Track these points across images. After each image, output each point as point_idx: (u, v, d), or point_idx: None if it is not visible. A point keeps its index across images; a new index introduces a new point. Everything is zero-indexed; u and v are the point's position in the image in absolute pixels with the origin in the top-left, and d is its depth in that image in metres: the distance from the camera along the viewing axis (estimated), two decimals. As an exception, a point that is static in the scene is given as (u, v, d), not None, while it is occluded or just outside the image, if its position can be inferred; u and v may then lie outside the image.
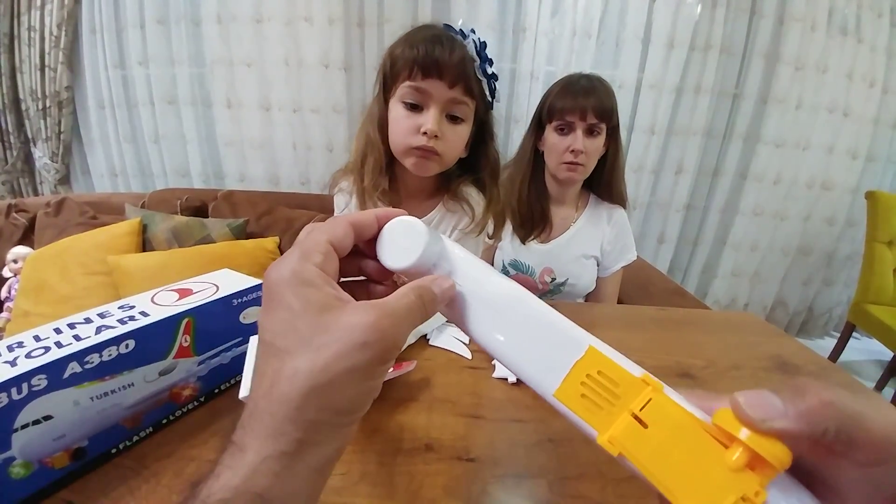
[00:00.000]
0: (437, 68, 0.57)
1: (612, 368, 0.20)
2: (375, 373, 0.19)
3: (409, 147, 0.61)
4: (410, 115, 0.60)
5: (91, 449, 0.34)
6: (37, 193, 2.04)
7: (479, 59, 0.59)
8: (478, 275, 0.24)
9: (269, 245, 1.44)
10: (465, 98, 0.60)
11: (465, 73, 0.58)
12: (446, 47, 0.57)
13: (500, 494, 0.34)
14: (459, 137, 0.62)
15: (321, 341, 0.18)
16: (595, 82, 0.88)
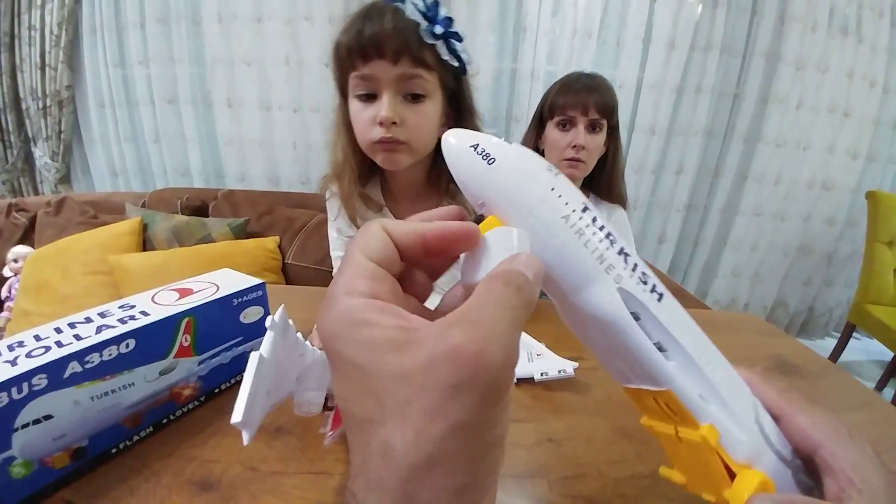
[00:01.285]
0: (373, 47, 0.50)
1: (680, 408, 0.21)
2: (489, 420, 0.13)
3: (372, 142, 0.55)
4: (366, 107, 0.54)
5: (91, 449, 0.34)
6: (37, 193, 2.05)
7: (425, 21, 0.51)
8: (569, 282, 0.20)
9: (270, 244, 1.44)
10: (418, 70, 0.52)
11: (406, 43, 0.50)
12: (376, 20, 0.50)
13: (501, 495, 0.34)
14: (424, 117, 0.55)
15: (402, 397, 0.13)
16: (597, 80, 0.88)
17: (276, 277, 1.43)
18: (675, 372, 0.20)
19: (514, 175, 0.19)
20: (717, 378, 0.21)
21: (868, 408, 0.49)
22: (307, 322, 0.59)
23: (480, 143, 0.19)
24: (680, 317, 0.21)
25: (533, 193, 0.19)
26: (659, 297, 0.20)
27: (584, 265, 0.19)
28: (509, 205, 0.19)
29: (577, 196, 0.19)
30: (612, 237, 0.20)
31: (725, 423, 0.20)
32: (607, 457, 0.38)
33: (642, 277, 0.20)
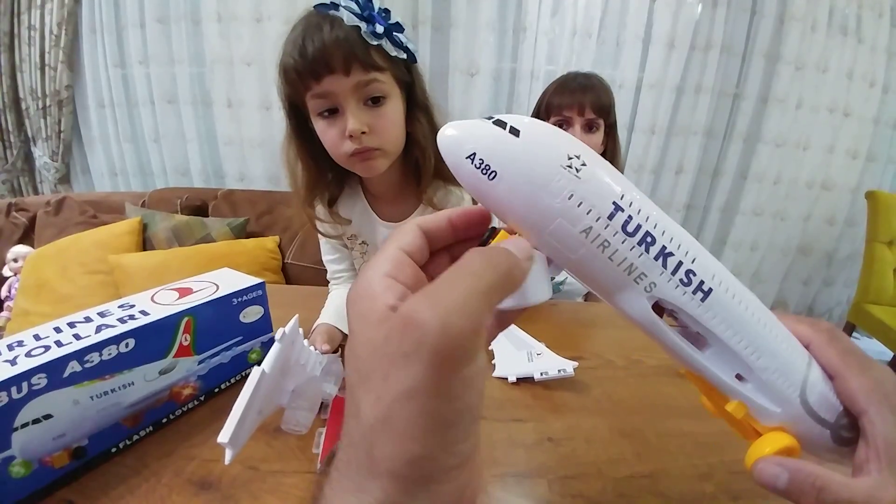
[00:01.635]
0: (321, 63, 0.50)
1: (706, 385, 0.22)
2: (443, 391, 0.13)
3: (346, 155, 0.54)
4: (332, 123, 0.54)
5: (91, 448, 0.34)
6: (37, 192, 2.04)
7: (364, 23, 0.50)
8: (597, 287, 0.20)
9: (270, 244, 1.44)
10: (371, 74, 0.51)
11: (352, 51, 0.49)
12: (316, 36, 0.50)
13: (501, 494, 0.34)
14: (389, 119, 0.54)
15: (371, 364, 0.14)
16: (592, 79, 0.88)
17: (276, 277, 1.43)
18: (708, 358, 0.21)
19: (519, 191, 0.16)
20: (760, 363, 0.21)
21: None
22: (307, 321, 0.59)
23: (478, 153, 0.17)
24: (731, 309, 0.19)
25: (544, 208, 0.16)
26: (704, 297, 0.18)
27: (609, 276, 0.18)
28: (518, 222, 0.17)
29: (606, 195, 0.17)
30: (651, 238, 0.17)
31: (759, 399, 0.21)
32: (607, 456, 0.38)
33: (685, 278, 0.18)
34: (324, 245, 0.72)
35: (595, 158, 0.18)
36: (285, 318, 0.55)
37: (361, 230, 0.68)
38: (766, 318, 0.21)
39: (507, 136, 0.17)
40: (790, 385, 0.21)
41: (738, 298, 0.20)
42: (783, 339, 0.21)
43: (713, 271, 0.19)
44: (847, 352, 0.22)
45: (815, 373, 0.22)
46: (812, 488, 0.19)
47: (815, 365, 0.22)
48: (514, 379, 0.49)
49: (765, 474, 0.20)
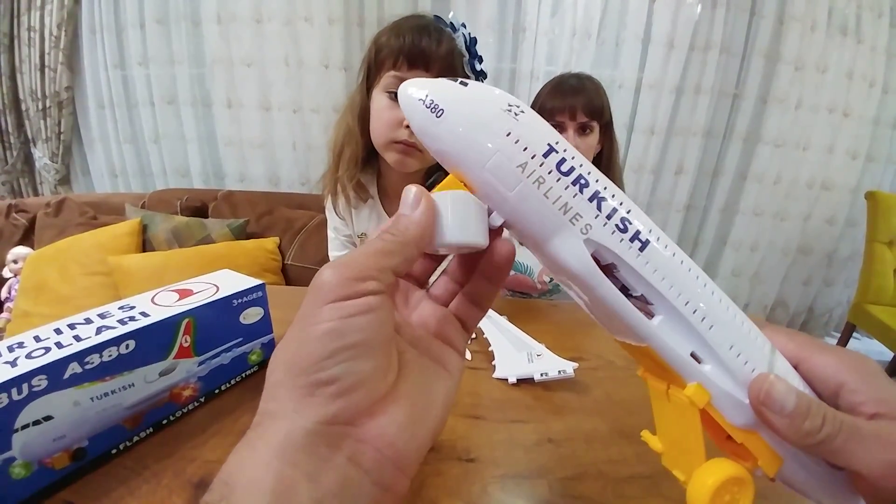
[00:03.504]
0: (423, 59, 0.54)
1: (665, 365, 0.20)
2: (319, 313, 0.16)
3: (391, 140, 0.57)
4: (394, 107, 0.56)
5: (91, 449, 0.34)
6: (37, 194, 2.04)
7: (468, 55, 0.56)
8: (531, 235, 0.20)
9: (270, 245, 1.44)
10: None
11: (452, 67, 0.55)
12: (433, 38, 0.54)
13: (501, 495, 0.34)
14: None
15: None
16: (584, 81, 0.88)
17: (276, 278, 1.43)
18: (658, 328, 0.19)
19: (462, 126, 0.18)
20: (716, 336, 0.19)
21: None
22: (307, 323, 0.59)
23: (430, 94, 0.19)
24: (672, 267, 0.19)
25: (484, 144, 0.18)
26: (642, 246, 0.18)
27: (545, 216, 0.18)
28: (460, 159, 0.18)
29: (541, 137, 0.18)
30: (584, 181, 0.18)
31: (722, 383, 0.19)
32: (607, 457, 0.38)
33: (621, 224, 0.18)
34: (332, 241, 0.73)
35: (534, 112, 0.19)
36: (286, 320, 0.55)
37: (369, 227, 0.70)
38: (713, 287, 0.20)
39: (456, 85, 0.19)
40: (756, 364, 0.19)
41: (679, 258, 0.19)
42: (736, 313, 0.20)
43: (649, 227, 0.19)
44: (806, 341, 0.21)
45: (781, 359, 0.20)
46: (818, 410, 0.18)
47: (779, 353, 0.20)
48: (514, 380, 0.49)
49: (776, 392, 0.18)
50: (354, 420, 0.16)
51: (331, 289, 0.17)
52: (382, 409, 0.17)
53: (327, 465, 0.15)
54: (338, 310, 0.16)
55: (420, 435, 0.18)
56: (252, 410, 0.17)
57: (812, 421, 0.18)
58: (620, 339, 0.21)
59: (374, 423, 0.17)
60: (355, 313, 0.16)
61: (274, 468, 0.15)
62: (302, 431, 0.15)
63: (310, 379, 0.16)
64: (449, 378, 0.20)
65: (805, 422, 0.18)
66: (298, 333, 0.17)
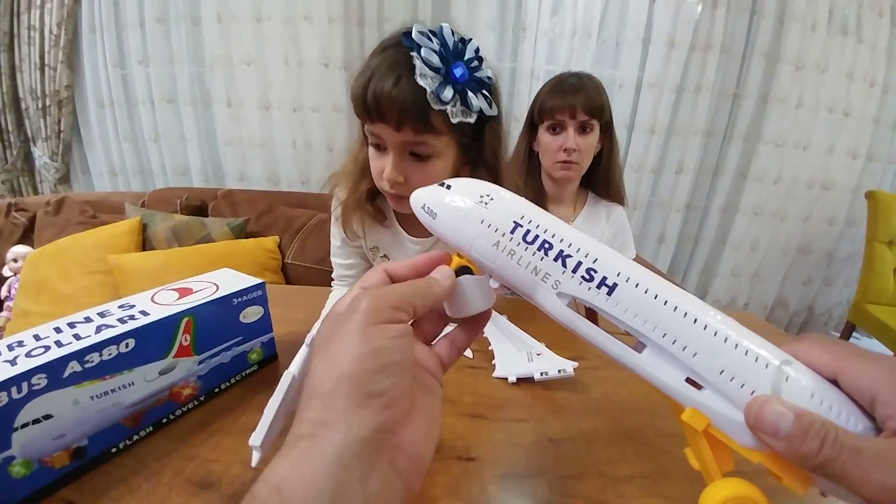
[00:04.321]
0: (376, 110, 0.48)
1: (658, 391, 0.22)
2: (370, 332, 0.19)
3: (382, 188, 0.55)
4: (378, 157, 0.53)
5: (91, 448, 0.34)
6: (37, 192, 2.04)
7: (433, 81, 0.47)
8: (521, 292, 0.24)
9: (269, 244, 1.44)
10: (422, 137, 0.49)
11: (407, 112, 0.47)
12: (383, 80, 0.47)
13: (500, 494, 0.34)
14: (430, 176, 0.52)
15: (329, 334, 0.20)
16: (584, 79, 0.88)
17: (276, 277, 1.42)
18: (645, 359, 0.21)
19: (451, 221, 0.24)
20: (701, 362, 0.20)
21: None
22: (307, 322, 0.59)
23: (426, 202, 0.25)
24: (645, 304, 0.21)
25: (467, 232, 0.23)
26: (609, 290, 0.21)
27: (522, 278, 0.22)
28: (455, 244, 0.24)
29: (507, 217, 0.23)
30: (549, 244, 0.22)
31: (720, 407, 0.20)
32: (607, 457, 0.38)
33: (587, 275, 0.21)
34: (338, 249, 0.71)
35: (504, 195, 0.24)
36: (286, 318, 0.56)
37: (382, 242, 0.66)
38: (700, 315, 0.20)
39: (442, 190, 0.25)
40: (753, 388, 0.19)
41: (652, 293, 0.21)
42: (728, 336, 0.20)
43: (618, 270, 0.21)
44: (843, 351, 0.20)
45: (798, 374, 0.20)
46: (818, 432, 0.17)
47: (796, 368, 0.20)
48: (513, 379, 0.49)
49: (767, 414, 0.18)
50: (394, 429, 0.19)
51: (376, 313, 0.19)
52: (410, 420, 0.20)
53: (374, 470, 0.18)
54: (384, 331, 0.19)
55: (431, 442, 0.21)
56: (252, 409, 0.17)
57: (809, 444, 0.17)
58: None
59: (406, 432, 0.20)
60: (397, 336, 0.20)
61: (332, 475, 0.16)
62: (357, 440, 0.17)
63: (364, 391, 0.18)
64: (437, 402, 0.24)
65: (802, 444, 0.17)
66: (347, 350, 0.19)
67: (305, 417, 0.18)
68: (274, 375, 0.49)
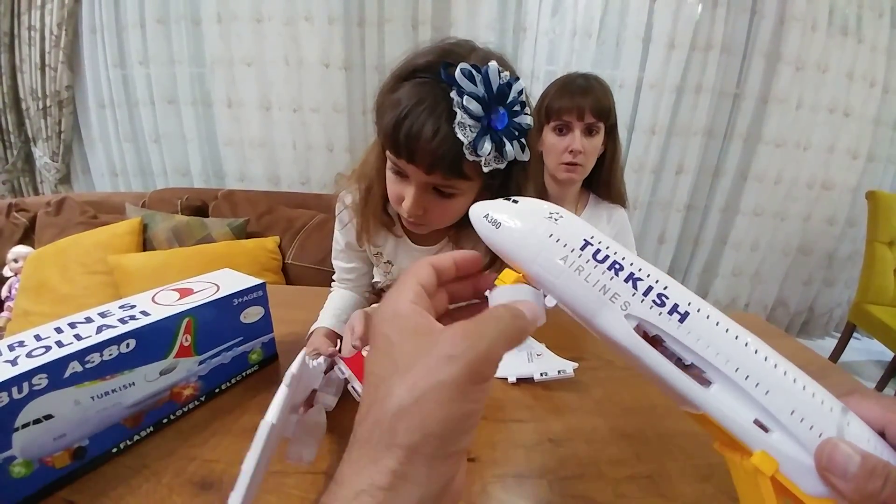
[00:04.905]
0: (407, 153, 0.45)
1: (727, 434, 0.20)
2: (467, 392, 0.18)
3: (398, 210, 0.53)
4: (397, 182, 0.51)
5: (91, 448, 0.34)
6: (37, 193, 2.04)
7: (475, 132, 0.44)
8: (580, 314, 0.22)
9: (270, 244, 1.44)
10: (450, 181, 0.48)
11: (442, 162, 0.45)
12: (417, 126, 0.44)
13: (501, 494, 0.34)
14: (450, 211, 0.52)
15: (413, 361, 0.18)
16: (592, 81, 0.87)
17: (277, 277, 1.43)
18: (713, 395, 0.20)
19: (516, 233, 0.23)
20: (774, 401, 0.19)
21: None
22: (307, 322, 0.59)
23: (490, 213, 0.24)
24: (716, 335, 0.20)
25: (533, 245, 0.22)
26: (681, 318, 0.20)
27: (588, 296, 0.21)
28: (518, 256, 0.23)
29: (577, 234, 0.22)
30: (619, 265, 0.21)
31: (789, 450, 0.19)
32: (607, 457, 0.38)
33: (658, 300, 0.20)
34: (340, 252, 0.70)
35: (574, 216, 0.24)
36: (286, 319, 0.56)
37: (386, 248, 0.66)
38: (767, 353, 0.20)
39: (508, 203, 0.25)
40: (821, 430, 0.19)
41: (723, 326, 0.20)
42: (797, 377, 0.20)
43: (689, 299, 0.21)
44: (892, 403, 0.20)
45: (854, 420, 0.20)
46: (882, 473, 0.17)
47: (852, 414, 0.20)
48: (513, 379, 0.49)
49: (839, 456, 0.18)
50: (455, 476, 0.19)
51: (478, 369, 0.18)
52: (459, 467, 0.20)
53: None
54: (482, 392, 0.19)
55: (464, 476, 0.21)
56: (253, 409, 0.17)
57: (874, 482, 0.17)
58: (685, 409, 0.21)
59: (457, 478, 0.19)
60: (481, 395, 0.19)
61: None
62: (431, 495, 0.18)
63: (448, 451, 0.18)
64: None
65: (868, 483, 0.17)
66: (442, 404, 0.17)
67: (386, 466, 0.17)
68: (274, 375, 0.49)
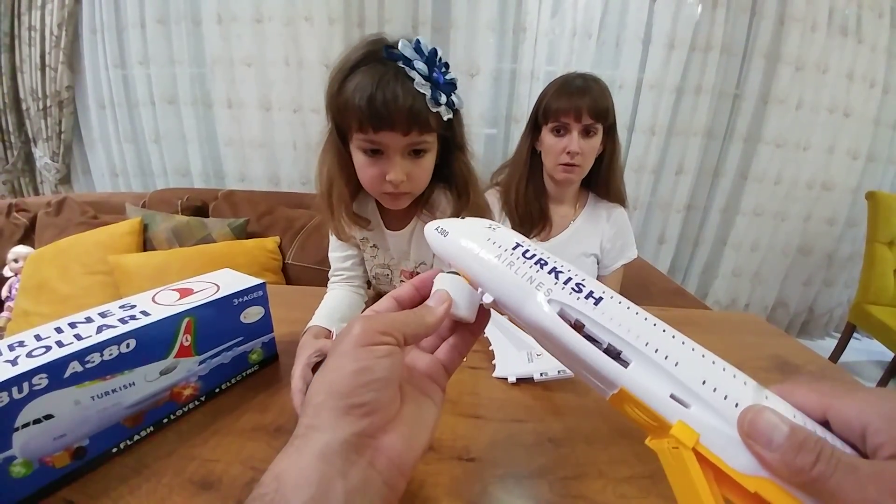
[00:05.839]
0: (385, 119, 0.51)
1: (646, 409, 0.20)
2: (356, 353, 0.22)
3: (379, 192, 0.59)
4: (373, 163, 0.56)
5: (91, 448, 0.34)
6: (37, 193, 2.05)
7: (430, 89, 0.52)
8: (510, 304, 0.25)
9: (270, 245, 1.44)
10: (424, 137, 0.55)
11: (417, 118, 0.52)
12: (388, 91, 0.50)
13: (500, 494, 0.34)
14: (425, 169, 0.59)
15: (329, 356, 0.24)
16: (590, 82, 0.87)
17: (277, 277, 1.43)
18: (631, 372, 0.21)
19: (459, 238, 0.28)
20: (684, 372, 0.20)
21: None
22: (306, 322, 0.59)
23: (441, 225, 0.30)
24: (628, 316, 0.22)
25: (472, 246, 0.27)
26: (596, 302, 0.23)
27: (517, 285, 0.24)
28: (460, 257, 0.27)
29: (510, 239, 0.27)
30: (544, 261, 0.25)
31: (710, 421, 0.19)
32: (607, 457, 0.38)
33: (576, 288, 0.23)
34: (333, 241, 0.74)
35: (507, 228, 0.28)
36: (286, 319, 0.56)
37: (371, 234, 0.71)
38: (674, 332, 0.21)
39: (457, 219, 0.30)
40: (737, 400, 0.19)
41: (633, 310, 0.23)
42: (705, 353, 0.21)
43: (602, 289, 0.23)
44: (829, 388, 0.20)
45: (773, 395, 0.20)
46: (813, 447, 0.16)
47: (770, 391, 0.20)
48: (513, 379, 0.49)
49: (762, 422, 0.17)
50: (375, 434, 0.22)
51: (363, 336, 0.23)
52: (392, 428, 0.23)
53: (354, 467, 0.21)
54: (369, 352, 0.22)
55: (415, 448, 0.24)
56: (253, 409, 0.17)
57: (804, 456, 0.16)
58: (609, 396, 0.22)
59: (387, 437, 0.22)
60: (382, 356, 0.23)
61: (317, 467, 0.20)
62: (338, 441, 0.21)
63: (346, 402, 0.21)
64: (434, 407, 0.26)
65: (797, 457, 0.16)
66: (337, 366, 0.22)
67: (301, 423, 0.22)
68: (274, 376, 0.49)
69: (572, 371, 0.24)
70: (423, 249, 0.70)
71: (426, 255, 0.70)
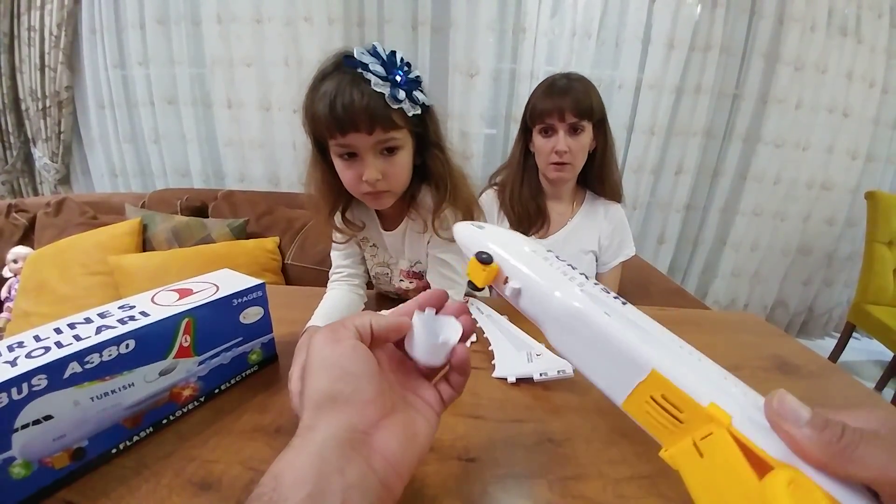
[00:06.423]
0: (347, 122, 0.55)
1: (676, 393, 0.20)
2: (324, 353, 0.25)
3: (361, 193, 0.62)
4: (350, 166, 0.59)
5: (91, 449, 0.34)
6: (37, 193, 2.04)
7: (388, 88, 0.55)
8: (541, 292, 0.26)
9: (269, 245, 1.44)
10: (390, 134, 0.58)
11: (376, 116, 0.55)
12: (346, 98, 0.55)
13: (500, 494, 0.34)
14: (400, 166, 0.61)
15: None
16: (573, 81, 0.88)
17: (276, 278, 1.43)
18: (656, 352, 0.21)
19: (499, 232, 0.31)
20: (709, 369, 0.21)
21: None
22: (305, 322, 0.59)
23: (475, 223, 0.32)
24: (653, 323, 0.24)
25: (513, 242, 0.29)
26: (623, 303, 0.25)
27: (552, 277, 0.26)
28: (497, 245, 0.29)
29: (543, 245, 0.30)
30: (573, 267, 0.27)
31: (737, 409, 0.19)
32: (607, 457, 0.38)
33: (605, 290, 0.25)
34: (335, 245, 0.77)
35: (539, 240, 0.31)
36: (285, 319, 0.56)
37: (370, 234, 0.74)
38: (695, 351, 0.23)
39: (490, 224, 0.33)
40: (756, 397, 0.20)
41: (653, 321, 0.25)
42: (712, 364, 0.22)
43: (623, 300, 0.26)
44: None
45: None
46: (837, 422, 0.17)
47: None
48: (513, 379, 0.49)
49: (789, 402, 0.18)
50: (368, 430, 0.23)
51: (327, 335, 0.25)
52: (386, 426, 0.24)
53: (351, 463, 0.21)
54: (333, 349, 0.25)
55: (410, 452, 0.25)
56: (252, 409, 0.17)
57: (832, 429, 0.17)
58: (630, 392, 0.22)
59: (381, 435, 0.23)
60: (343, 352, 0.25)
61: (314, 464, 0.20)
62: (333, 438, 0.22)
63: (328, 397, 0.23)
64: (427, 425, 0.27)
65: (825, 430, 0.17)
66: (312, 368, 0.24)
67: (299, 425, 0.23)
68: (274, 376, 0.49)
69: (590, 366, 0.24)
70: (416, 248, 0.71)
71: (420, 254, 0.71)
